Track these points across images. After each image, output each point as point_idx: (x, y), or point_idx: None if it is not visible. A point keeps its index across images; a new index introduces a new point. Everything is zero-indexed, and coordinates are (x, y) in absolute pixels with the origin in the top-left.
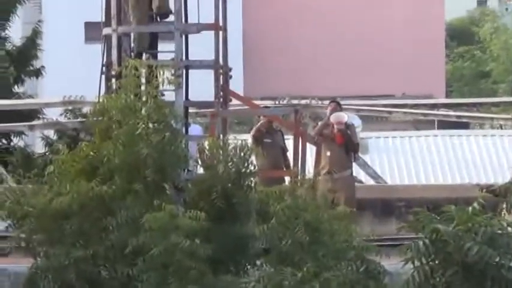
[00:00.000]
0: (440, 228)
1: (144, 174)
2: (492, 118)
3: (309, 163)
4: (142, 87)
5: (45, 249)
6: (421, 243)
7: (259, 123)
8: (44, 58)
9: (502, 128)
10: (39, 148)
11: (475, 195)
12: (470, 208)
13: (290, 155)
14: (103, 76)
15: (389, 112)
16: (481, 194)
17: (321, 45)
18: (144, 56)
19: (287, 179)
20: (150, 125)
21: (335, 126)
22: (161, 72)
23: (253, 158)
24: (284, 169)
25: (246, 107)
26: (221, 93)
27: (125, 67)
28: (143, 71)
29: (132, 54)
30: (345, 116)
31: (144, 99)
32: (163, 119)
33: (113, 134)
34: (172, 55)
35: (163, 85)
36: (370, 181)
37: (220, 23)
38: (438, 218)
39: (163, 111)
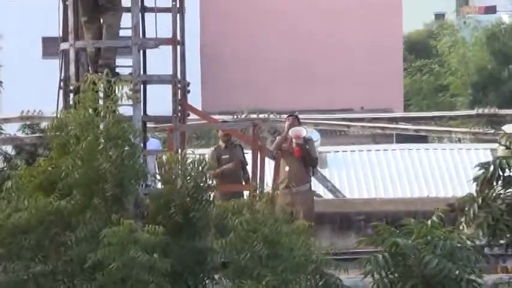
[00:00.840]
0: (399, 241)
1: (103, 189)
2: (450, 132)
3: (268, 177)
4: (100, 102)
5: (4, 264)
6: (380, 256)
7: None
8: (2, 73)
9: (460, 142)
10: None
11: (434, 209)
12: (429, 221)
13: (249, 168)
14: (61, 91)
15: (348, 126)
16: (441, 208)
17: (279, 59)
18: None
19: (246, 193)
20: (109, 140)
21: (293, 140)
22: (120, 87)
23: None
24: (244, 183)
25: (204, 122)
26: (179, 107)
27: (83, 82)
28: (101, 85)
29: (93, 67)
30: (303, 130)
31: (102, 114)
32: (122, 133)
33: (72, 149)
34: (130, 70)
35: (121, 100)
36: (329, 195)
37: (178, 37)
38: (397, 231)
39: (122, 126)
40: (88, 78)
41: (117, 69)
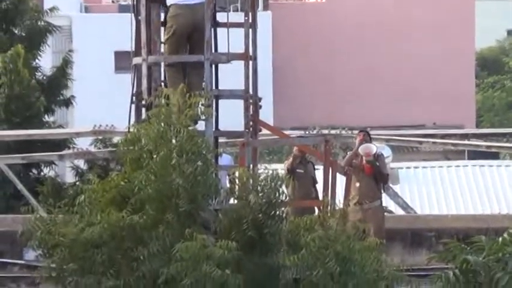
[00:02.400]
0: (470, 258)
1: (175, 204)
2: None
3: (339, 193)
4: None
5: (76, 279)
6: (451, 273)
7: (292, 154)
8: (74, 87)
9: None
10: (69, 178)
11: (506, 226)
12: (500, 238)
13: (319, 186)
14: (133, 106)
15: (420, 142)
16: None
17: (351, 75)
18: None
19: (317, 209)
20: (182, 155)
21: (364, 157)
22: (194, 102)
23: (284, 188)
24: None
25: (276, 137)
26: (251, 123)
27: (157, 96)
28: (176, 100)
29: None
30: (373, 147)
31: (176, 128)
32: (195, 149)
33: (144, 164)
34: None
35: (196, 115)
36: (400, 211)
37: (250, 53)
38: (468, 248)
39: (196, 141)
40: (162, 93)
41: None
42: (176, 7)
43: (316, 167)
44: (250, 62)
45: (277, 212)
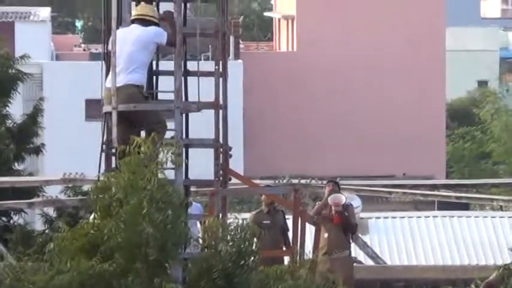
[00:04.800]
0: None
1: (145, 253)
2: (492, 199)
3: (309, 243)
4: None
5: None
6: None
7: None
8: (45, 135)
9: (502, 210)
10: (39, 226)
11: (475, 277)
12: None
13: (290, 233)
14: (103, 154)
15: (390, 192)
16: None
17: (321, 125)
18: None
19: (286, 258)
20: (153, 204)
21: (332, 207)
22: (165, 151)
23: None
24: (284, 249)
25: (246, 186)
26: (221, 172)
27: (129, 145)
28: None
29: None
30: (342, 198)
31: (146, 177)
32: (166, 198)
33: (115, 212)
34: (172, 133)
35: (166, 164)
36: (369, 261)
37: (221, 101)
38: None
39: (166, 190)
40: (134, 141)
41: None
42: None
43: (286, 216)
44: (221, 111)
45: (247, 262)
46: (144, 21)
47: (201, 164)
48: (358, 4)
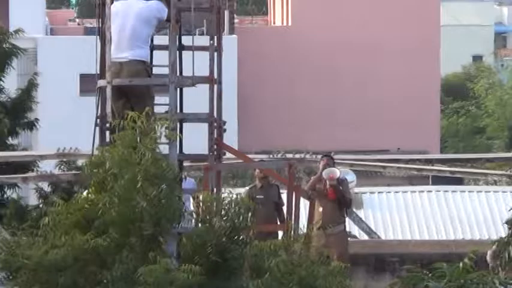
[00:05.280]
0: (431, 285)
1: (139, 227)
2: (486, 174)
3: (303, 218)
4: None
5: None
6: None
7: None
8: (39, 110)
9: (496, 184)
10: (33, 200)
11: (468, 251)
12: (461, 264)
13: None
14: (97, 129)
15: (384, 167)
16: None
17: (316, 100)
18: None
19: (280, 233)
20: (147, 179)
21: (327, 181)
22: (159, 126)
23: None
24: (279, 223)
25: (240, 161)
26: (215, 146)
27: (122, 118)
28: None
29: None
30: (336, 172)
31: (141, 152)
32: (160, 172)
33: (109, 187)
34: (167, 108)
35: (160, 138)
36: (364, 236)
37: (215, 76)
38: (430, 275)
39: (160, 165)
40: (128, 115)
41: (154, 108)
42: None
43: (282, 191)
44: (215, 86)
45: (241, 237)
46: None
47: (196, 139)
48: None
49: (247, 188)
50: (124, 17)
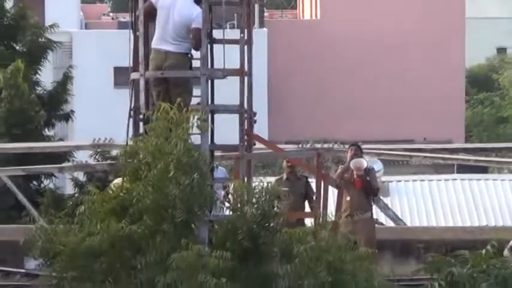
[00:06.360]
0: (454, 271)
1: (172, 215)
2: (510, 162)
3: (332, 205)
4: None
5: (76, 287)
6: (436, 284)
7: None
8: (74, 102)
9: None
10: (69, 190)
11: (493, 238)
12: (484, 251)
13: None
14: (131, 120)
15: (410, 156)
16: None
17: (343, 91)
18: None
19: (308, 221)
20: (179, 168)
21: (354, 172)
22: (191, 117)
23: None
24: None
25: (270, 151)
26: (245, 137)
27: (156, 110)
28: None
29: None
30: (363, 162)
31: (173, 142)
32: (192, 162)
33: (143, 176)
34: (198, 99)
35: (192, 129)
36: (390, 223)
37: (246, 69)
38: (453, 261)
39: (192, 155)
40: (160, 107)
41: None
42: (153, 50)
43: (310, 180)
44: (246, 78)
45: (272, 223)
46: None
47: (227, 129)
48: None
49: (274, 179)
50: (168, 11)
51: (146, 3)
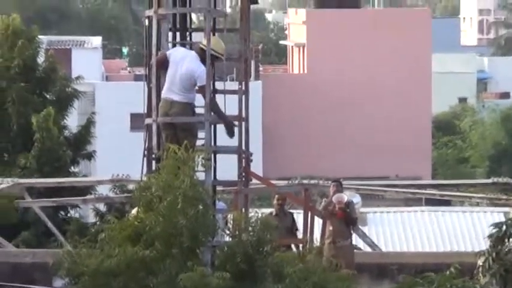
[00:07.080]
0: None
1: (180, 241)
2: (470, 197)
3: (316, 233)
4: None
5: None
6: None
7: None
8: (96, 143)
9: (478, 205)
10: (91, 219)
11: (456, 261)
12: (447, 272)
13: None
14: (145, 159)
15: (385, 191)
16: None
17: (327, 134)
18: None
19: (294, 247)
20: (186, 200)
21: (336, 205)
22: (196, 157)
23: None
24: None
25: (264, 186)
26: (243, 174)
27: (165, 151)
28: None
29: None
30: (344, 197)
31: (181, 178)
32: (197, 195)
33: (155, 207)
34: (203, 141)
35: (197, 167)
36: (368, 249)
37: (243, 115)
38: (422, 281)
39: (197, 189)
40: (170, 148)
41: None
42: (162, 99)
43: (298, 211)
44: (243, 123)
45: (265, 248)
46: (204, 53)
47: (227, 167)
48: (358, 35)
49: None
50: (177, 66)
51: (159, 55)
